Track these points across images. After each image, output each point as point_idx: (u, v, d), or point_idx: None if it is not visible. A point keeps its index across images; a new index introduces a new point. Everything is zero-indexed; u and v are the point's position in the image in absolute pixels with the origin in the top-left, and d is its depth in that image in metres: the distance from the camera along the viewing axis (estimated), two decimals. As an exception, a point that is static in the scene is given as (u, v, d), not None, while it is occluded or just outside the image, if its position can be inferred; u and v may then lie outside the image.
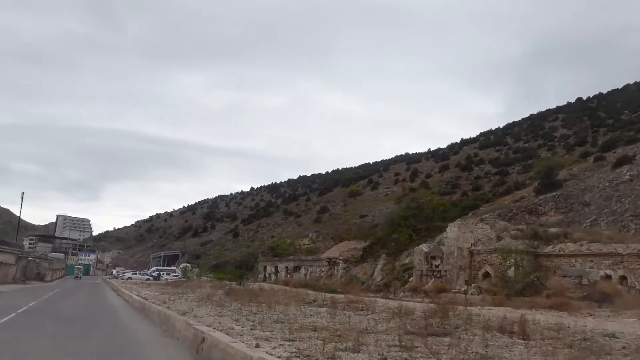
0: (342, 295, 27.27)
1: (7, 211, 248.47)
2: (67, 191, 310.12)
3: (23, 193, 50.22)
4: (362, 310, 20.24)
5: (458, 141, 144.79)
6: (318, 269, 49.93)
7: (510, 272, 30.25)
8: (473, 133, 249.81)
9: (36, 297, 26.01)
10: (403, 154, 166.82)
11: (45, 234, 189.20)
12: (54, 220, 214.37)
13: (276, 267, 57.37)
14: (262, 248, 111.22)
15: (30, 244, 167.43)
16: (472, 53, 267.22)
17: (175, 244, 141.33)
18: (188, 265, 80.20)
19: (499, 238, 33.72)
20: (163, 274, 72.96)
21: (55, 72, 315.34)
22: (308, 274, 51.03)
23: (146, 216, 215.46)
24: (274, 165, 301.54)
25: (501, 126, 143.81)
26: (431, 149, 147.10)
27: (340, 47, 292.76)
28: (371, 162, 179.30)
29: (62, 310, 19.86)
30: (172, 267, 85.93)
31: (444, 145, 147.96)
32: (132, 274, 69.53)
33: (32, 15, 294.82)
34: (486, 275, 32.20)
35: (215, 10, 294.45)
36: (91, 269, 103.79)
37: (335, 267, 47.56)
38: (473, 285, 31.78)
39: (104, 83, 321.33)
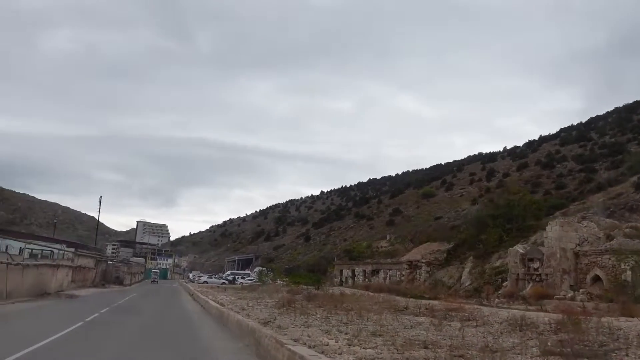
0: (435, 302, 24.28)
1: (92, 218, 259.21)
2: (145, 198, 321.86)
3: (101, 197, 50.49)
4: (468, 320, 17.22)
5: (536, 138, 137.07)
6: (398, 273, 46.90)
7: (627, 275, 26.17)
8: (551, 130, 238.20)
9: (110, 302, 24.60)
10: (476, 153, 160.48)
11: (127, 239, 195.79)
12: (135, 227, 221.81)
13: (353, 271, 54.72)
14: (337, 251, 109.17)
15: (113, 249, 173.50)
16: (546, 48, 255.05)
17: (249, 248, 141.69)
18: (262, 268, 79.01)
19: (609, 237, 29.59)
20: (238, 277, 72.01)
21: (132, 84, 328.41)
22: (387, 278, 48.08)
23: (220, 221, 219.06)
24: (343, 169, 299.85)
25: (583, 121, 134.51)
26: (507, 147, 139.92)
27: (407, 47, 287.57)
28: (443, 163, 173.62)
29: (134, 318, 18.08)
30: (247, 271, 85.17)
31: (520, 143, 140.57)
32: (208, 277, 68.90)
33: (110, 32, 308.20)
34: (596, 279, 28.19)
35: (280, 16, 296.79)
36: (168, 272, 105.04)
37: (417, 271, 44.36)
38: (581, 290, 27.88)
39: (177, 93, 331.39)
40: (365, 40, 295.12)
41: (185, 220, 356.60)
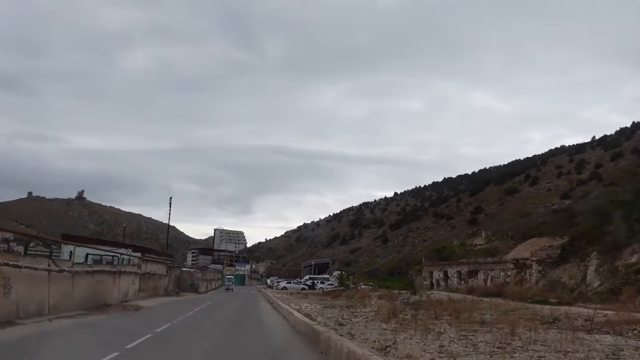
0: (581, 310, 17.83)
1: (173, 227, 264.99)
2: (222, 207, 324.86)
3: (171, 198, 46.74)
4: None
5: (628, 125, 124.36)
6: (502, 273, 40.00)
7: None
8: (636, 118, 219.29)
9: (175, 316, 19.82)
10: (558, 146, 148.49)
11: (205, 247, 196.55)
12: (212, 234, 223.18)
13: (445, 273, 48.16)
14: (425, 251, 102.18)
15: (192, 257, 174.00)
16: (626, 32, 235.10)
17: (324, 252, 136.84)
18: (342, 272, 73.63)
19: None
20: (317, 282, 66.87)
21: (207, 97, 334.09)
22: (488, 280, 41.26)
23: (294, 227, 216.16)
24: (416, 169, 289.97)
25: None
26: (595, 137, 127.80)
27: (478, 42, 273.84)
28: (522, 158, 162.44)
29: (197, 342, 12.92)
30: (325, 275, 79.91)
31: (604, 134, 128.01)
32: (287, 283, 64.12)
33: (184, 47, 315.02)
34: None
35: (346, 20, 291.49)
36: (246, 278, 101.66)
37: (527, 271, 37.34)
38: None
39: (251, 103, 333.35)
40: (434, 38, 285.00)
41: (261, 227, 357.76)
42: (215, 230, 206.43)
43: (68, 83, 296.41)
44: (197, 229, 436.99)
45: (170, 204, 45.17)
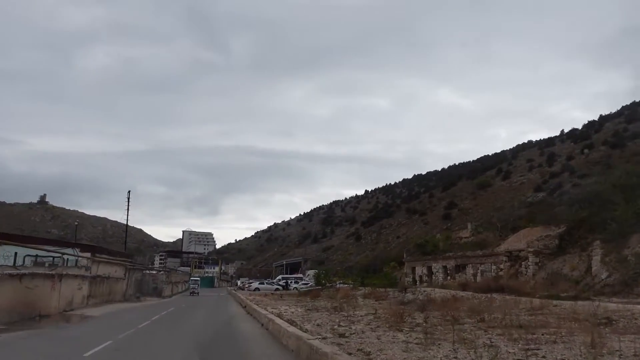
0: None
1: (140, 231, 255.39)
2: (190, 208, 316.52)
3: (129, 192, 41.12)
4: None
5: (594, 119, 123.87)
6: (493, 267, 36.60)
7: None
8: (601, 112, 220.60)
9: (127, 327, 15.44)
10: (526, 142, 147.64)
11: (174, 249, 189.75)
12: (181, 237, 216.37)
13: (429, 268, 44.63)
14: (399, 248, 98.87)
15: (161, 259, 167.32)
16: (586, 31, 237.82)
17: (296, 252, 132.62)
18: (317, 271, 69.64)
19: None
20: (291, 282, 62.65)
21: (174, 97, 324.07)
22: (478, 274, 37.84)
23: (263, 227, 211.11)
24: (385, 167, 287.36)
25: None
26: (564, 131, 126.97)
27: (444, 39, 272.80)
28: (490, 154, 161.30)
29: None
30: (299, 275, 75.69)
31: (575, 127, 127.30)
32: (259, 283, 59.56)
33: (149, 47, 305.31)
34: None
35: (312, 18, 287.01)
36: (215, 280, 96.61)
37: (523, 263, 33.96)
38: None
39: (218, 103, 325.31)
40: (401, 35, 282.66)
41: (230, 228, 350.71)
42: (183, 232, 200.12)
43: (27, 84, 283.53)
44: (165, 231, 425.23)
45: (128, 198, 39.92)
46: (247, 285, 60.00)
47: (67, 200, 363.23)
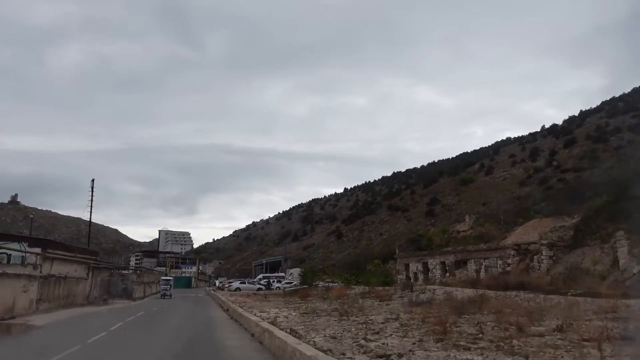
0: None
1: (116, 231, 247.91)
2: (166, 208, 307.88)
3: (93, 180, 35.87)
4: None
5: (575, 114, 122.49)
6: (500, 262, 32.93)
7: None
8: (572, 111, 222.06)
9: (74, 342, 11.11)
10: (499, 140, 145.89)
11: (150, 249, 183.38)
12: (157, 237, 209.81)
13: (425, 264, 40.86)
14: (383, 245, 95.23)
15: (136, 260, 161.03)
16: (564, 26, 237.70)
17: (276, 250, 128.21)
18: (300, 269, 65.56)
19: None
20: (273, 281, 58.36)
21: (149, 95, 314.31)
22: (482, 270, 34.15)
23: (241, 226, 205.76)
24: (363, 166, 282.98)
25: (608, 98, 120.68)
26: (546, 126, 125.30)
27: (421, 37, 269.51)
28: (469, 151, 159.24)
29: None
30: (280, 273, 71.34)
31: (546, 126, 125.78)
32: (240, 283, 54.99)
33: (122, 43, 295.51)
34: None
35: (289, 15, 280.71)
36: (193, 280, 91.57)
37: (535, 257, 30.32)
38: None
39: (194, 100, 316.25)
40: (379, 33, 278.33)
41: (207, 227, 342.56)
42: (160, 231, 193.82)
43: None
44: (142, 231, 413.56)
45: (92, 187, 34.70)
46: (227, 285, 55.40)
47: (39, 201, 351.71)
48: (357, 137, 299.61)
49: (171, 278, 47.09)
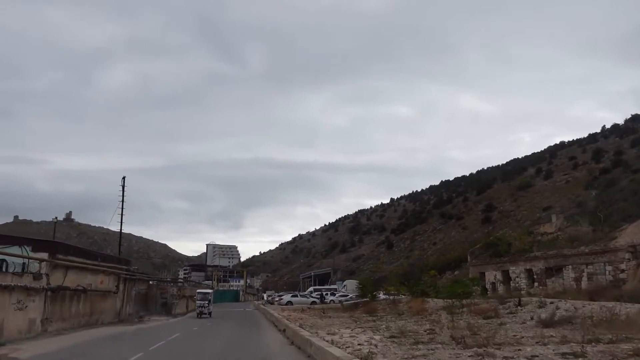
0: None
1: (165, 246, 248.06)
2: (212, 223, 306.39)
3: (124, 178, 30.90)
4: None
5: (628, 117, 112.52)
6: (609, 267, 26.26)
7: None
8: (623, 112, 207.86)
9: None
10: (551, 145, 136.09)
11: (198, 263, 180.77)
12: (205, 251, 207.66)
13: (505, 273, 34.35)
14: (437, 254, 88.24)
15: (185, 274, 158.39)
16: (611, 25, 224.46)
17: (324, 262, 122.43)
18: (353, 281, 59.61)
19: None
20: (326, 294, 52.63)
21: (192, 111, 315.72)
22: (583, 278, 27.52)
23: (287, 239, 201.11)
24: (406, 175, 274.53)
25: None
26: (606, 126, 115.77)
27: (461, 43, 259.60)
28: (520, 157, 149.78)
29: None
30: (332, 286, 65.47)
31: (597, 129, 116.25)
32: (292, 296, 49.51)
33: (164, 62, 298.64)
34: None
35: (328, 26, 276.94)
36: (240, 294, 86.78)
37: (663, 260, 23.59)
38: None
39: (236, 115, 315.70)
40: (417, 40, 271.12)
41: (253, 241, 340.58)
42: (207, 245, 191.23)
43: (47, 104, 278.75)
44: (190, 246, 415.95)
45: (123, 186, 29.57)
46: (277, 299, 49.86)
47: (92, 218, 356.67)
48: (399, 146, 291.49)
49: (209, 291, 35.21)
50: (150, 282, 31.86)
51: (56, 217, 57.97)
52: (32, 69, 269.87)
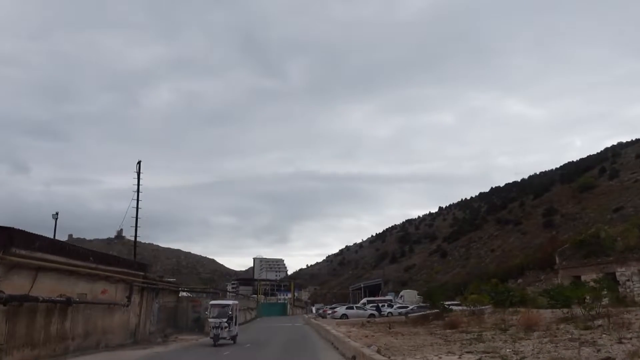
0: None
1: (213, 261, 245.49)
2: (259, 237, 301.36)
3: (139, 162, 25.25)
4: None
5: None
6: None
7: None
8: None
9: None
10: (602, 149, 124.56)
11: (245, 277, 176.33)
12: (252, 265, 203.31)
13: (611, 276, 26.89)
14: (497, 262, 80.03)
15: (232, 288, 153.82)
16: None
17: (374, 273, 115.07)
18: (412, 291, 52.75)
19: None
20: (382, 305, 45.79)
21: (236, 127, 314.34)
22: None
23: (335, 251, 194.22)
24: (452, 184, 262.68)
25: None
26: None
27: (504, 47, 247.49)
28: (575, 160, 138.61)
29: None
30: (388, 297, 58.35)
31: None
32: (347, 308, 42.77)
33: (208, 79, 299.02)
34: None
35: (365, 37, 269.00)
36: (288, 307, 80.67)
37: None
38: None
39: (276, 129, 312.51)
40: (459, 46, 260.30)
41: (300, 255, 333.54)
42: (254, 259, 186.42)
43: (100, 125, 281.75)
44: (237, 261, 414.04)
45: (138, 172, 23.92)
46: (329, 312, 43.25)
47: (142, 235, 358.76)
48: (445, 155, 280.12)
49: (230, 303, 23.00)
50: (182, 294, 26.21)
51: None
52: (86, 92, 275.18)
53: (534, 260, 66.99)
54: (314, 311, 77.96)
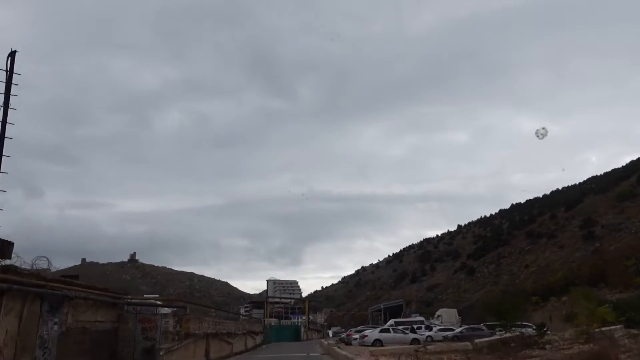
0: None
1: (226, 284, 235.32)
2: (272, 260, 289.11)
3: (12, 53, 17.60)
4: None
5: None
6: None
7: None
8: None
9: None
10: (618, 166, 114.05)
11: (259, 300, 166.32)
12: (265, 287, 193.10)
13: None
14: (534, 277, 69.76)
15: (245, 311, 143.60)
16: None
17: (393, 294, 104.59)
18: (451, 310, 42.94)
19: None
20: (419, 328, 35.90)
21: (246, 149, 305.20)
22: None
23: (349, 273, 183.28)
24: (466, 204, 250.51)
25: None
26: None
27: (517, 62, 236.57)
28: (601, 174, 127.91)
29: None
30: (419, 318, 48.22)
31: None
32: (381, 331, 32.07)
33: (217, 100, 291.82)
34: None
35: (375, 55, 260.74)
36: (302, 331, 70.67)
37: None
38: None
39: (287, 150, 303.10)
40: (470, 62, 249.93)
41: (313, 278, 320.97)
42: (267, 281, 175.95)
43: (111, 148, 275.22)
44: (250, 284, 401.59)
45: (12, 64, 16.43)
46: (355, 336, 32.79)
47: (155, 258, 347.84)
48: (458, 174, 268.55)
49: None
50: (127, 307, 16.33)
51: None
52: (96, 115, 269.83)
53: (579, 275, 57.32)
54: (330, 334, 67.62)
